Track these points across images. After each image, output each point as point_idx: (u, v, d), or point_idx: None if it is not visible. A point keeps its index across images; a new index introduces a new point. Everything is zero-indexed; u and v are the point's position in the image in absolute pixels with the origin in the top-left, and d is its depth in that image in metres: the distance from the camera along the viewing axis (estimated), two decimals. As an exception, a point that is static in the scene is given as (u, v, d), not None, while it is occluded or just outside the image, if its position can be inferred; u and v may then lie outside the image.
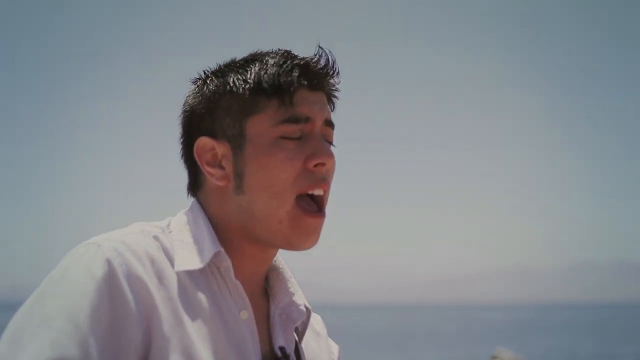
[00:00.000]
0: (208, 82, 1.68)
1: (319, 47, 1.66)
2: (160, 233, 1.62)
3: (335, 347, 1.87)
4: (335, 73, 1.67)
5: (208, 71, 1.71)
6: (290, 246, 1.62)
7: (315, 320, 1.86)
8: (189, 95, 1.71)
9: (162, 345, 1.48)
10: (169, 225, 1.66)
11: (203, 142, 1.65)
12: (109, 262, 1.49)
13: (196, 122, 1.67)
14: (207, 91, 1.67)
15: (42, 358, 1.38)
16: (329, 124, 1.66)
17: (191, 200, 1.72)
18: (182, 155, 1.73)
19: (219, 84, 1.66)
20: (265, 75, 1.61)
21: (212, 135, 1.65)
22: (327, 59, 1.66)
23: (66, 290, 1.47)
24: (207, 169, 1.65)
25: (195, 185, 1.71)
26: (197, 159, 1.66)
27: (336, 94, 1.69)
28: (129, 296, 1.48)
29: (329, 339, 1.88)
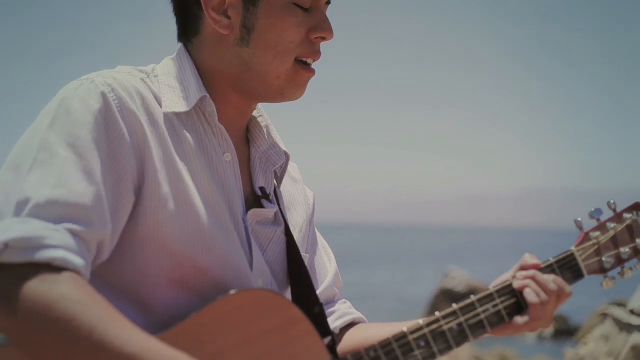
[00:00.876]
0: None
1: None
2: (145, 77, 1.69)
3: (310, 194, 1.97)
4: None
5: None
6: (282, 97, 1.71)
7: (293, 168, 1.96)
8: None
9: (154, 177, 1.57)
10: (154, 69, 1.73)
11: None
12: (103, 96, 1.56)
13: None
14: None
15: (47, 188, 1.44)
16: (329, 2, 1.75)
17: (179, 46, 1.77)
18: None
19: None
20: None
21: None
22: None
23: (64, 121, 1.52)
24: (212, 15, 1.68)
25: (188, 31, 1.74)
26: (202, 2, 1.68)
27: None
28: (124, 128, 1.55)
29: (306, 186, 1.98)
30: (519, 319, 1.76)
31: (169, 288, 1.60)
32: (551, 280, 1.78)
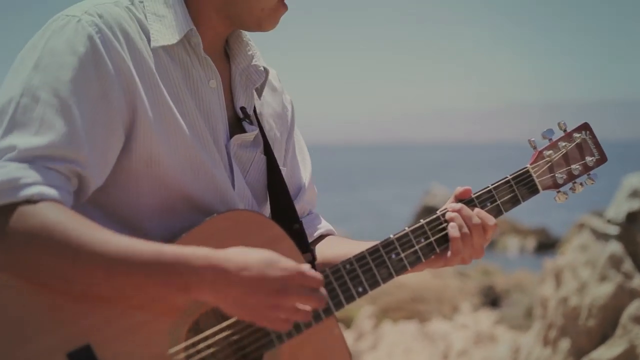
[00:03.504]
0: None
1: None
2: (130, 5, 1.71)
3: (288, 99, 2.03)
4: None
5: None
6: (258, 28, 1.79)
7: (272, 76, 1.98)
8: None
9: (144, 113, 1.64)
10: None
11: None
12: (90, 38, 1.59)
13: None
14: None
15: (28, 135, 1.52)
16: None
17: None
18: None
19: None
20: None
21: None
22: None
23: (49, 63, 1.56)
24: None
25: None
26: None
27: None
28: (112, 69, 1.60)
29: (284, 92, 2.03)
30: (447, 252, 1.86)
31: (161, 215, 1.70)
32: (475, 214, 1.86)
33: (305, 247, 1.83)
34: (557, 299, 5.48)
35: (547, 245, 21.73)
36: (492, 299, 11.49)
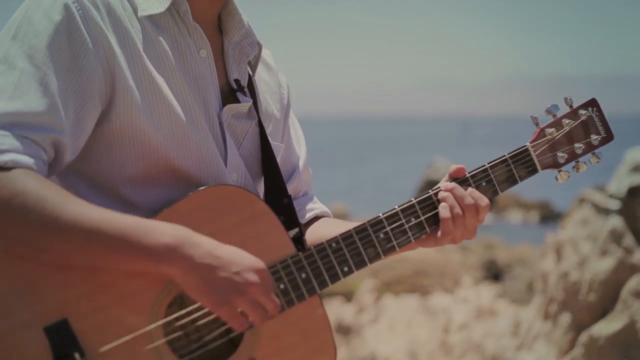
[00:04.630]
0: None
1: None
2: None
3: (284, 80, 2.02)
4: None
5: None
6: None
7: (267, 55, 1.98)
8: None
9: (124, 83, 1.64)
10: None
11: None
12: (66, 7, 1.60)
13: None
14: None
15: (2, 101, 1.53)
16: None
17: None
18: None
19: None
20: None
21: None
22: None
23: (26, 32, 1.58)
24: None
25: None
26: None
27: None
28: (88, 39, 1.61)
29: (280, 72, 2.02)
30: (437, 232, 1.81)
31: (146, 186, 1.69)
32: (468, 193, 1.81)
33: (294, 222, 1.80)
34: (557, 273, 5.45)
35: (550, 218, 21.71)
36: (494, 273, 11.49)
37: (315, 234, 1.89)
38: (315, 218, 1.98)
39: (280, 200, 1.80)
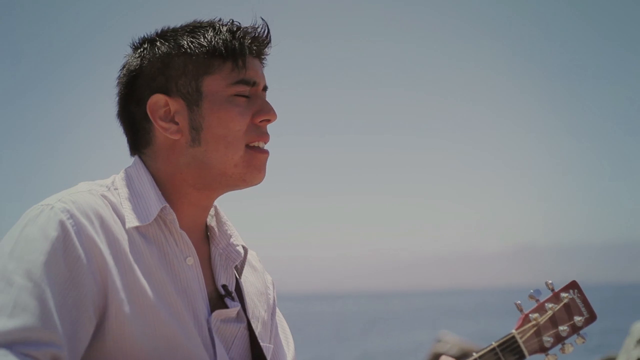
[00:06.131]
0: (158, 44, 1.79)
1: (261, 18, 1.81)
2: (106, 191, 1.74)
3: (269, 279, 2.04)
4: (270, 43, 1.83)
5: (151, 35, 1.82)
6: (245, 183, 1.78)
7: (252, 257, 2.01)
8: (133, 58, 1.81)
9: (116, 296, 1.63)
10: (113, 182, 1.78)
11: (156, 99, 1.76)
12: (61, 224, 1.62)
13: (145, 82, 1.78)
14: (158, 52, 1.77)
15: (2, 319, 1.51)
16: (265, 88, 1.83)
17: (133, 158, 1.83)
18: (122, 116, 1.83)
19: (171, 46, 1.77)
20: (221, 41, 1.76)
21: (165, 92, 1.76)
22: (267, 30, 1.82)
23: (23, 249, 1.59)
24: (160, 124, 1.76)
25: (140, 144, 1.81)
26: (150, 114, 1.76)
27: (266, 61, 1.86)
28: (82, 254, 1.61)
29: (265, 272, 2.04)
30: None
31: None
32: None
33: None
34: None
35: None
36: None
37: None
38: None
39: None
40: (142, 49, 1.81)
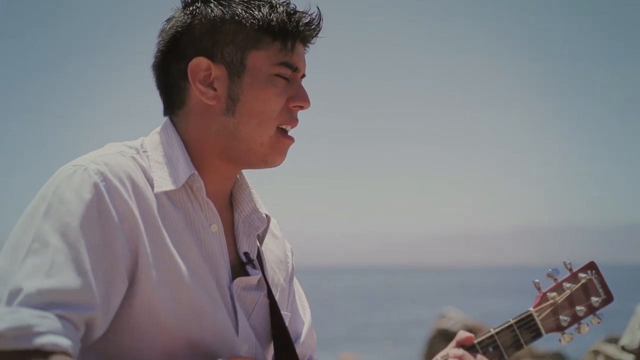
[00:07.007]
0: (212, 6, 1.77)
1: (317, 6, 1.80)
2: (135, 154, 1.74)
3: (289, 247, 2.06)
4: (320, 32, 1.82)
5: None
6: (264, 164, 1.79)
7: (274, 225, 2.03)
8: (182, 14, 1.79)
9: (146, 260, 1.64)
10: (142, 144, 1.78)
11: (199, 61, 1.75)
12: (96, 186, 1.62)
13: (191, 40, 1.77)
14: (210, 14, 1.76)
15: (38, 278, 1.51)
16: (304, 76, 1.84)
17: (164, 120, 1.83)
18: (159, 69, 1.82)
19: (225, 11, 1.76)
20: (275, 19, 1.75)
21: (209, 56, 1.76)
22: (320, 19, 1.81)
23: (58, 210, 1.59)
24: (199, 87, 1.75)
25: (173, 102, 1.81)
26: (190, 76, 1.76)
27: (309, 50, 1.86)
28: (115, 217, 1.62)
29: (285, 240, 2.06)
30: None
31: None
32: None
33: None
34: None
35: (564, 371, 21.19)
36: None
37: None
38: None
39: None
40: (194, 7, 1.79)
